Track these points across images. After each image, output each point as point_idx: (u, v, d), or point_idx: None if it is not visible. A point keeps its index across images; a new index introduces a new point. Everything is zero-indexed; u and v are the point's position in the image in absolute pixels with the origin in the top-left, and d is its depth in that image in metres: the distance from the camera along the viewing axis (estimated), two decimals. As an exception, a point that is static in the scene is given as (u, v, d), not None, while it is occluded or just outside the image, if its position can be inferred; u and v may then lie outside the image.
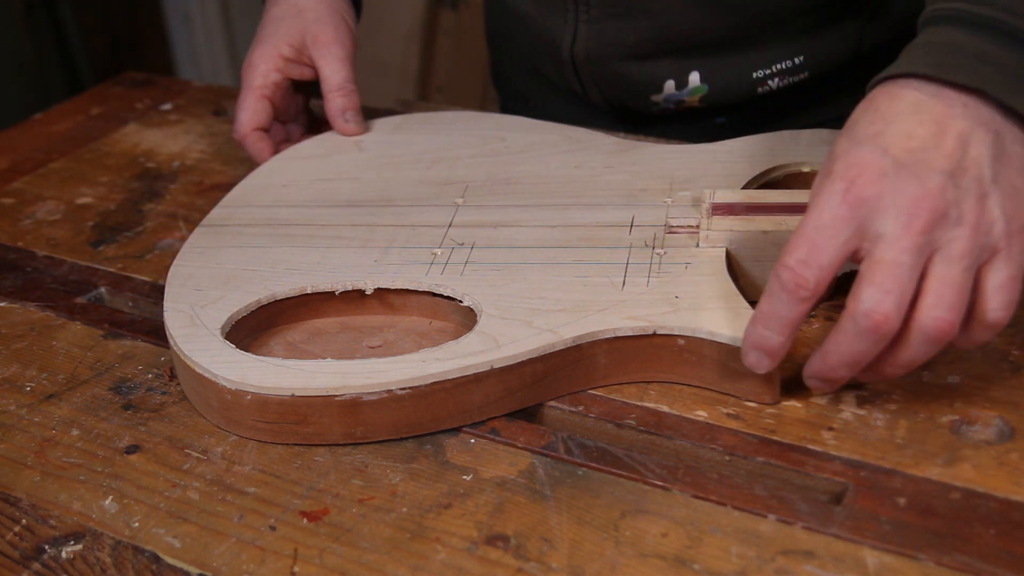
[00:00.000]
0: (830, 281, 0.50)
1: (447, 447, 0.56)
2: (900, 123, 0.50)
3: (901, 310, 0.49)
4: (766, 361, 0.53)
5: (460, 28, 2.23)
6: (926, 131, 0.50)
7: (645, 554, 0.49)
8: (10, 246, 0.78)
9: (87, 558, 0.51)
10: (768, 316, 0.51)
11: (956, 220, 0.49)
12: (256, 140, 0.79)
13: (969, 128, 0.50)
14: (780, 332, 0.51)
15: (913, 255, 0.49)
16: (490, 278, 0.62)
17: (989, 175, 0.50)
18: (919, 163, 0.49)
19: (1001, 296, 0.50)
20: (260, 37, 0.82)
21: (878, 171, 0.49)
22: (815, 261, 0.49)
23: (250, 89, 0.80)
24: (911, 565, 0.47)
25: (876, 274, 0.49)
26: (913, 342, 0.50)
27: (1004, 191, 0.50)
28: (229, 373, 0.56)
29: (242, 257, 0.66)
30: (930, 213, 0.48)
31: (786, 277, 0.50)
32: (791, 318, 0.51)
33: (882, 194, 0.49)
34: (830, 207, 0.49)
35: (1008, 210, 0.50)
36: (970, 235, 0.49)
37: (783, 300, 0.50)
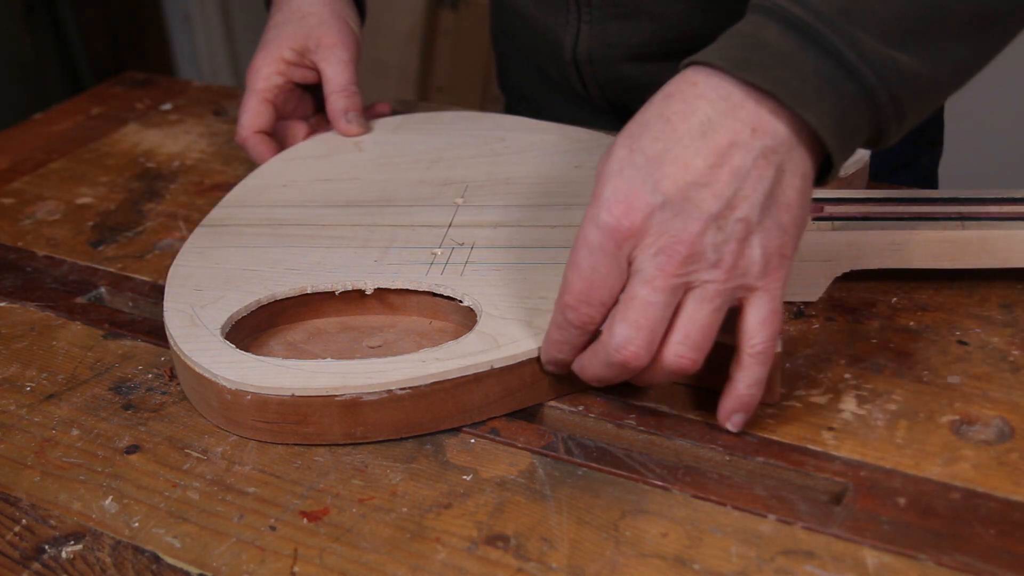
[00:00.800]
0: (609, 307, 0.52)
1: (447, 447, 0.56)
2: (682, 147, 0.50)
3: (652, 347, 0.52)
4: (561, 370, 0.57)
5: (460, 28, 2.23)
6: (704, 162, 0.50)
7: (645, 554, 0.49)
8: (10, 246, 0.78)
9: (87, 558, 0.51)
10: (560, 344, 0.55)
11: (713, 262, 0.50)
12: (257, 143, 0.79)
13: (749, 163, 0.50)
14: (571, 354, 0.55)
15: (666, 294, 0.51)
16: (490, 278, 0.62)
17: (756, 216, 0.50)
18: (687, 201, 0.50)
19: (763, 331, 0.52)
20: (263, 42, 0.82)
21: (645, 207, 0.50)
22: (596, 299, 0.52)
23: (252, 92, 0.80)
24: (911, 565, 0.47)
25: (630, 310, 0.51)
26: (657, 372, 0.53)
27: (768, 231, 0.51)
28: (229, 373, 0.56)
29: (242, 257, 0.66)
30: (686, 256, 0.50)
31: (573, 317, 0.53)
32: (579, 344, 0.54)
33: (646, 231, 0.50)
34: (596, 244, 0.51)
35: (769, 249, 0.51)
36: (724, 278, 0.51)
37: (572, 334, 0.54)
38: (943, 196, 0.65)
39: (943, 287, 0.65)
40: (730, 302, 0.52)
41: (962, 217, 0.63)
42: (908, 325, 0.62)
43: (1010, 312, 0.62)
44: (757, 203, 0.50)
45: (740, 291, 0.51)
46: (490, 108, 2.10)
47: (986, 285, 0.64)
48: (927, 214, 0.63)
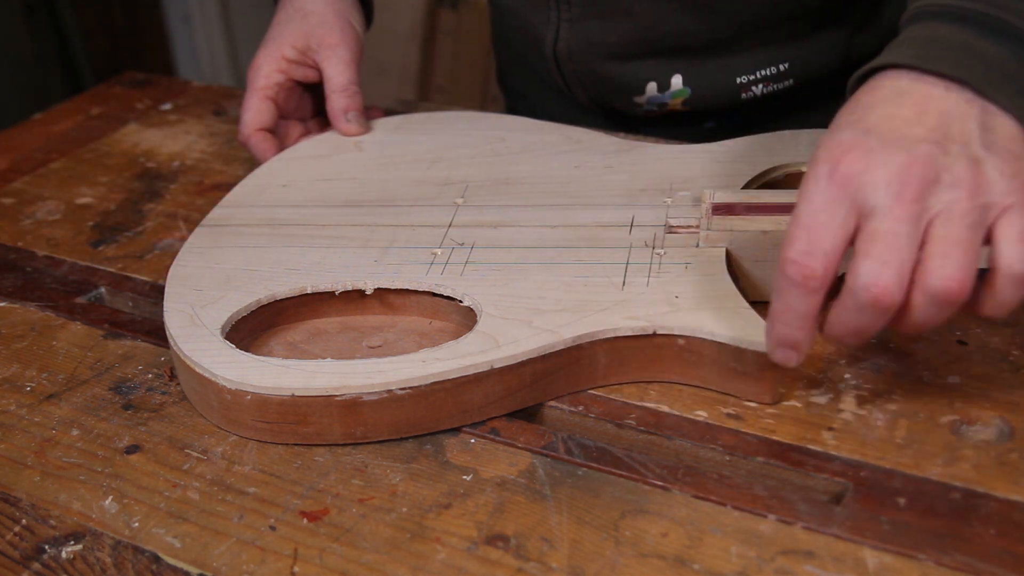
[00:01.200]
0: (838, 265, 0.49)
1: (447, 447, 0.56)
2: (881, 108, 0.50)
3: (902, 281, 0.48)
4: (794, 355, 0.52)
5: (460, 28, 2.23)
6: (908, 111, 0.49)
7: (645, 554, 0.49)
8: (10, 246, 0.78)
9: (87, 558, 0.51)
10: (784, 313, 0.50)
11: (951, 183, 0.48)
12: (260, 141, 0.80)
13: (952, 106, 0.49)
14: (800, 327, 0.50)
15: (909, 224, 0.47)
16: (490, 278, 0.62)
17: (979, 143, 0.49)
18: (903, 137, 0.48)
19: (1020, 247, 0.48)
20: (266, 39, 0.82)
21: (863, 148, 0.48)
22: (818, 248, 0.48)
23: (253, 90, 0.80)
24: (911, 565, 0.47)
25: (872, 247, 0.48)
26: (922, 306, 0.48)
27: (999, 155, 0.49)
28: (229, 373, 0.56)
29: (242, 257, 0.66)
30: (920, 179, 0.47)
31: (792, 271, 0.49)
32: (807, 311, 0.50)
33: (869, 168, 0.48)
34: (819, 191, 0.49)
35: (1008, 171, 0.48)
36: (968, 195, 0.48)
37: (795, 295, 0.49)
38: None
39: (943, 287, 0.65)
40: (984, 222, 0.48)
41: (962, 217, 0.63)
42: (908, 325, 0.62)
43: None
44: (976, 136, 0.49)
45: (991, 211, 0.48)
46: (490, 108, 2.10)
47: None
48: (927, 214, 0.63)
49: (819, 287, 0.49)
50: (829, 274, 0.49)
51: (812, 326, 0.50)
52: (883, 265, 0.47)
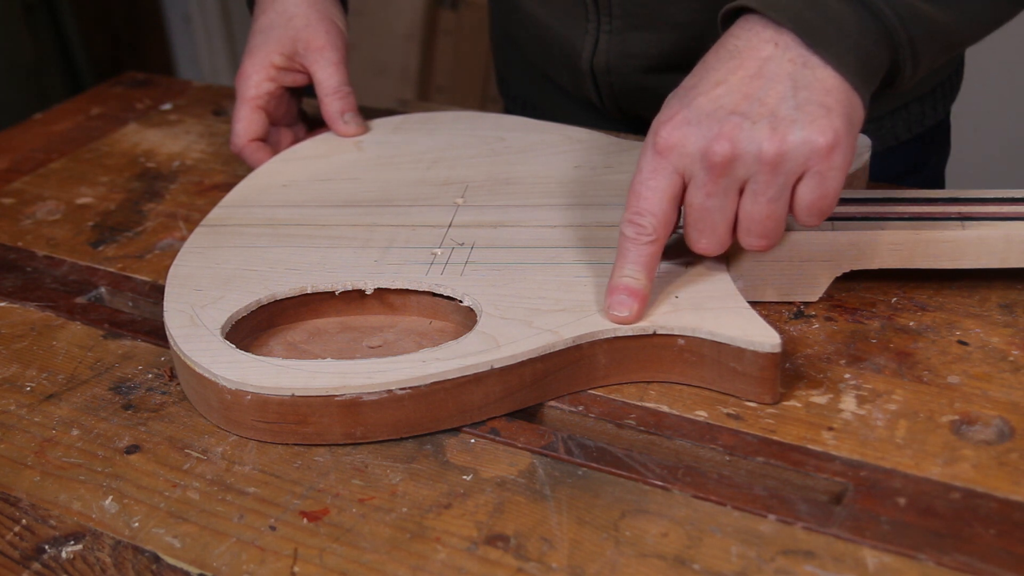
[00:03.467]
0: (668, 220, 0.57)
1: (447, 447, 0.56)
2: (713, 73, 0.56)
3: (722, 240, 0.57)
4: (631, 302, 0.57)
5: (460, 28, 2.23)
6: (733, 77, 0.55)
7: (645, 554, 0.49)
8: (10, 246, 0.78)
9: (87, 558, 0.51)
10: (624, 263, 0.57)
11: (755, 156, 0.54)
12: (254, 150, 0.79)
13: (775, 68, 0.55)
14: (638, 274, 0.57)
15: (718, 198, 0.55)
16: (490, 278, 0.62)
17: (790, 105, 0.54)
18: (718, 108, 0.55)
19: (812, 215, 0.56)
20: (251, 47, 0.82)
21: (681, 119, 0.55)
22: (645, 210, 0.56)
23: (244, 100, 0.80)
24: (911, 565, 0.47)
25: (690, 216, 0.57)
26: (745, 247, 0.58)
27: (809, 113, 0.54)
28: (229, 373, 0.56)
29: (242, 257, 0.66)
30: (726, 154, 0.54)
31: (627, 229, 0.57)
32: (643, 260, 0.57)
33: (685, 139, 0.55)
34: (645, 159, 0.56)
35: (815, 129, 0.54)
36: (769, 169, 0.54)
37: (632, 247, 0.57)
38: (943, 196, 0.65)
39: (943, 287, 0.65)
40: (785, 190, 0.55)
41: (962, 217, 0.63)
42: (908, 325, 0.62)
43: (1010, 312, 0.62)
44: (788, 94, 0.54)
45: (790, 176, 0.54)
46: (490, 108, 2.10)
47: (986, 285, 0.64)
48: (927, 214, 0.63)
49: (651, 241, 0.57)
50: (659, 229, 0.57)
51: (648, 276, 0.57)
52: (699, 233, 0.57)
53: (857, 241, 0.62)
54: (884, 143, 0.84)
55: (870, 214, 0.64)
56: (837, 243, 0.62)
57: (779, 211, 0.55)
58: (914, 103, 0.84)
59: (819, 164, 0.54)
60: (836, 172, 0.54)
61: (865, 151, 0.72)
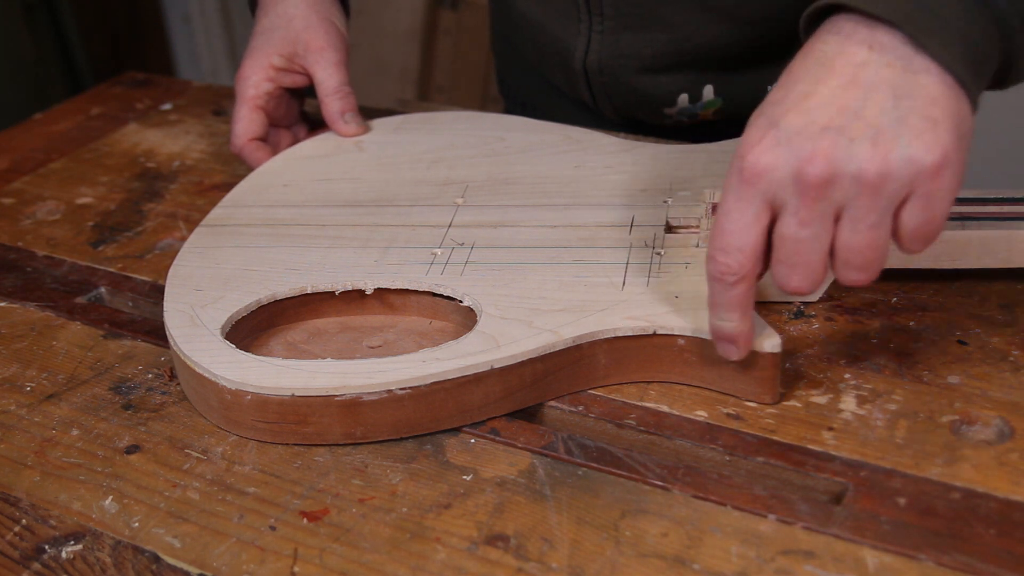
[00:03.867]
0: (757, 256, 0.51)
1: (447, 447, 0.56)
2: (802, 84, 0.50)
3: (814, 277, 0.50)
4: (732, 348, 0.54)
5: (460, 28, 2.23)
6: (825, 88, 0.49)
7: (645, 554, 0.49)
8: (10, 246, 0.78)
9: (87, 558, 0.51)
10: (715, 306, 0.53)
11: (854, 176, 0.48)
12: (253, 150, 0.79)
13: (872, 75, 0.49)
14: (730, 317, 0.52)
15: (813, 227, 0.49)
16: (490, 278, 0.62)
17: (892, 118, 0.48)
18: (810, 124, 0.49)
19: (917, 242, 0.50)
20: (251, 48, 0.82)
21: (770, 142, 0.49)
22: (732, 246, 0.50)
23: (243, 100, 0.80)
24: (911, 565, 0.47)
25: (781, 250, 0.50)
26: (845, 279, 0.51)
27: (912, 128, 0.48)
28: (229, 373, 0.56)
29: (242, 257, 0.66)
30: (822, 175, 0.48)
31: (712, 268, 0.51)
32: (734, 302, 0.52)
33: (774, 164, 0.49)
34: (731, 188, 0.50)
35: (921, 146, 0.48)
36: (869, 192, 0.48)
37: (719, 289, 0.52)
38: (943, 196, 0.65)
39: (943, 287, 0.65)
40: (887, 215, 0.49)
41: (962, 217, 0.63)
42: (908, 325, 0.62)
43: (1010, 312, 0.62)
44: (889, 107, 0.48)
45: (893, 200, 0.48)
46: (490, 108, 2.10)
47: (986, 285, 0.64)
48: (927, 214, 0.63)
49: (738, 281, 0.51)
50: (746, 267, 0.51)
51: (743, 316, 0.52)
52: (791, 269, 0.50)
53: (857, 241, 0.62)
54: None
55: (870, 214, 0.64)
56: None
57: (882, 239, 0.49)
58: None
59: (926, 185, 0.48)
60: (945, 194, 0.48)
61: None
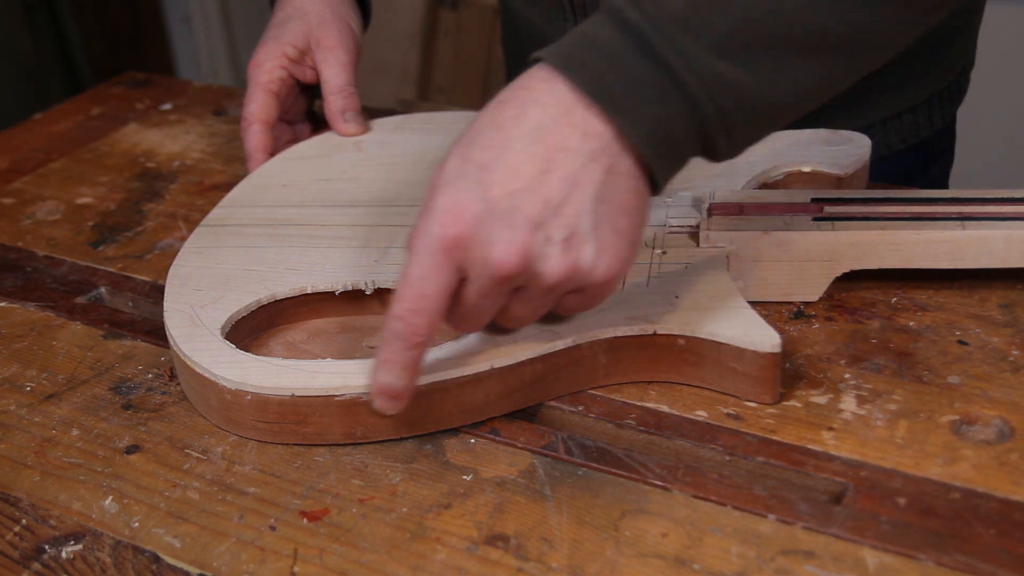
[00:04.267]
0: (439, 320, 0.52)
1: (447, 447, 0.56)
2: (512, 153, 0.50)
3: (480, 327, 0.54)
4: (394, 403, 0.54)
5: (460, 28, 2.23)
6: (533, 168, 0.50)
7: (645, 554, 0.49)
8: (10, 246, 0.78)
9: (87, 558, 0.51)
10: (390, 364, 0.52)
11: (539, 273, 0.51)
12: (258, 131, 0.79)
13: (578, 167, 0.50)
14: (402, 376, 0.53)
15: (492, 299, 0.52)
16: (490, 278, 0.62)
17: (587, 222, 0.50)
18: (515, 209, 0.50)
19: (571, 314, 0.56)
20: (265, 38, 0.82)
21: (473, 214, 0.50)
22: (423, 308, 0.51)
23: (257, 84, 0.80)
24: (911, 565, 0.47)
25: (457, 309, 0.53)
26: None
27: (602, 239, 0.51)
28: (229, 373, 0.56)
29: (242, 257, 0.66)
30: (513, 271, 0.50)
31: (399, 327, 0.51)
32: (410, 362, 0.52)
33: (473, 238, 0.50)
34: (429, 252, 0.50)
35: (604, 260, 0.51)
36: (550, 288, 0.51)
37: (400, 347, 0.52)
38: (943, 196, 0.65)
39: (943, 287, 0.65)
40: (556, 299, 0.53)
41: (962, 217, 0.63)
42: (908, 325, 0.62)
43: (1010, 312, 0.62)
44: (587, 207, 0.50)
45: (566, 291, 0.53)
46: (490, 108, 2.09)
47: (986, 285, 0.64)
48: (927, 214, 0.63)
49: (422, 343, 0.52)
50: (431, 331, 0.52)
51: (413, 376, 0.53)
52: (461, 322, 0.53)
53: (857, 241, 0.62)
54: (875, 152, 0.84)
55: (870, 214, 0.64)
56: (837, 243, 0.62)
57: (540, 313, 0.54)
58: (907, 113, 0.84)
59: (595, 289, 0.52)
60: (606, 294, 0.53)
61: (865, 150, 0.72)
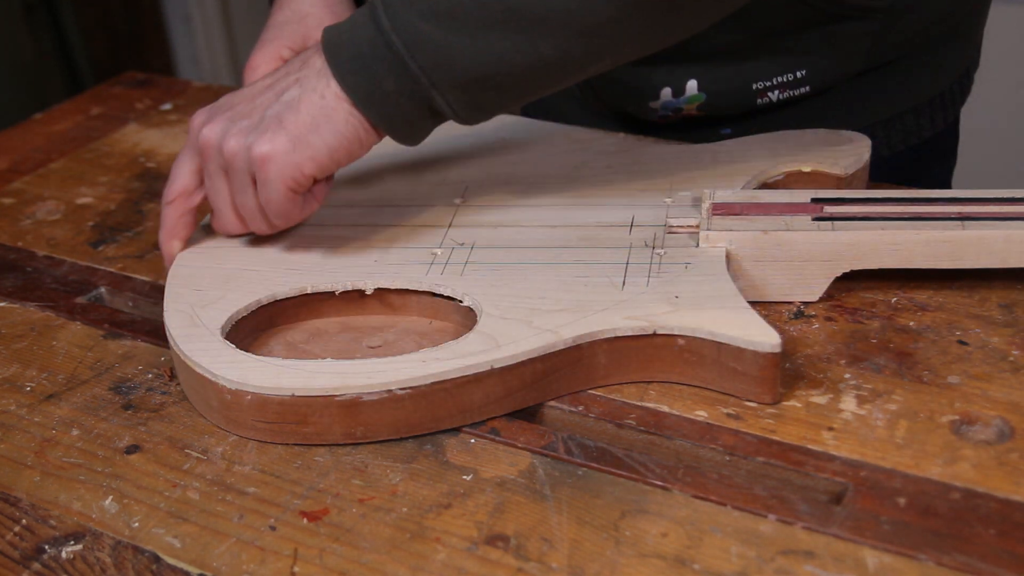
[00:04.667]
0: (190, 189, 0.67)
1: (447, 447, 0.56)
2: (261, 80, 0.66)
3: (228, 225, 0.66)
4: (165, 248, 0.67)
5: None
6: (263, 83, 0.65)
7: (645, 554, 0.49)
8: (10, 246, 0.78)
9: (87, 558, 0.51)
10: (165, 221, 0.68)
11: (224, 144, 0.62)
12: None
13: (283, 80, 0.63)
14: (167, 231, 0.67)
15: (214, 179, 0.64)
16: (490, 278, 0.62)
17: (263, 117, 0.62)
18: (231, 107, 0.64)
19: (261, 216, 0.64)
20: (262, 41, 0.82)
21: (202, 114, 0.65)
22: (176, 184, 0.67)
23: None
24: (911, 565, 0.47)
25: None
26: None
27: (266, 127, 0.61)
28: (229, 373, 0.56)
29: (242, 257, 0.66)
30: (207, 142, 0.63)
31: (164, 198, 0.68)
32: (169, 219, 0.67)
33: (197, 121, 0.65)
34: (186, 144, 0.67)
35: (256, 139, 0.61)
36: (227, 164, 0.63)
37: (166, 210, 0.67)
38: (943, 196, 0.65)
39: (943, 287, 0.65)
40: (248, 184, 0.63)
41: (962, 217, 0.63)
42: (908, 325, 0.62)
43: (1010, 312, 0.62)
44: (271, 102, 0.62)
45: (247, 175, 0.62)
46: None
47: (986, 285, 0.65)
48: (927, 214, 0.63)
49: (172, 203, 0.67)
50: (180, 195, 0.67)
51: (170, 233, 0.67)
52: (220, 218, 0.66)
53: (857, 241, 0.62)
54: (876, 152, 0.84)
55: (870, 214, 0.64)
56: (837, 243, 0.62)
57: (247, 203, 0.63)
58: (909, 114, 0.84)
59: (259, 172, 0.61)
60: (271, 183, 0.61)
61: (865, 150, 0.72)
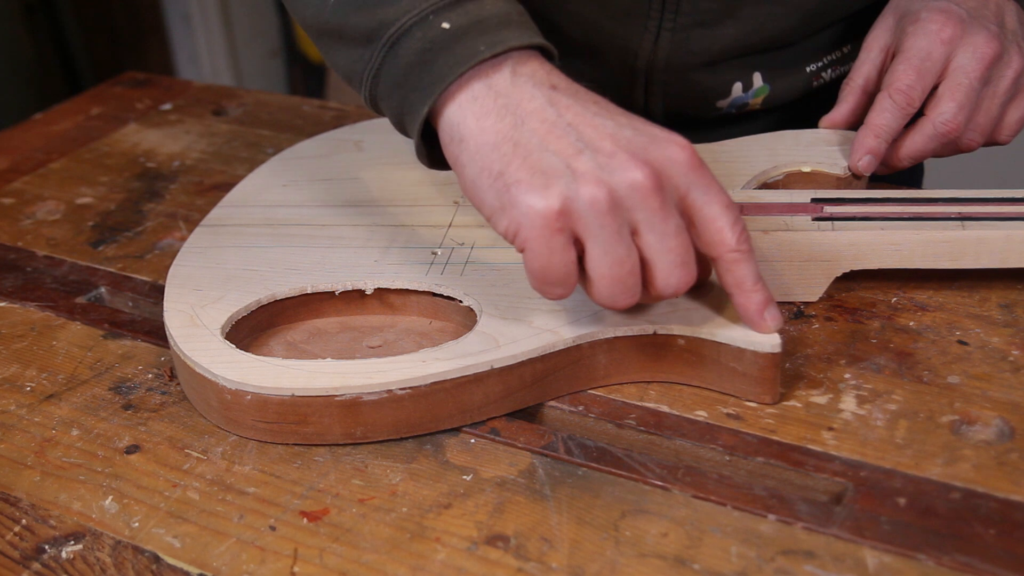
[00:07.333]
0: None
1: (447, 447, 0.56)
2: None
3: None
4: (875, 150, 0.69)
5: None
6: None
7: (645, 554, 0.49)
8: (10, 246, 0.78)
9: (87, 558, 0.51)
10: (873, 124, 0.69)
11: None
12: None
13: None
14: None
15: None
16: (490, 278, 0.62)
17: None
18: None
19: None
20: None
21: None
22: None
23: None
24: (911, 565, 0.47)
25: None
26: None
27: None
28: (229, 373, 0.56)
29: (242, 257, 0.66)
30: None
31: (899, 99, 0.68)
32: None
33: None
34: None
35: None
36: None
37: (893, 111, 0.68)
38: (943, 196, 0.65)
39: (943, 287, 0.65)
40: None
41: (962, 217, 0.63)
42: (908, 325, 0.62)
43: (1010, 312, 0.62)
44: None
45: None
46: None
47: (986, 285, 0.65)
48: (927, 214, 0.63)
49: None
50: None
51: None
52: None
53: (857, 241, 0.62)
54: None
55: (870, 214, 0.64)
56: (837, 243, 0.62)
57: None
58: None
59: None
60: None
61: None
